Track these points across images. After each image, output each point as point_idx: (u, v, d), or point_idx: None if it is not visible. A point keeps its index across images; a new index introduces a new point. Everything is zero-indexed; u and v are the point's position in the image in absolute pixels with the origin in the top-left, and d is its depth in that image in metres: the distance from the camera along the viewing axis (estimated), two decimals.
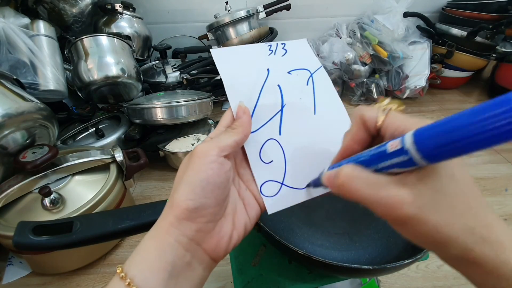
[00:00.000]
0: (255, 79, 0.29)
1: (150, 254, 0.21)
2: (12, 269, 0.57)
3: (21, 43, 0.69)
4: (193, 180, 0.22)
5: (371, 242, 0.36)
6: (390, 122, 0.19)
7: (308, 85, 0.31)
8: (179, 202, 0.21)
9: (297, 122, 0.29)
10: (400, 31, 1.03)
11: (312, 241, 0.36)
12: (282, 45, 0.32)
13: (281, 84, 0.30)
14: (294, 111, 0.29)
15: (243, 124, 0.26)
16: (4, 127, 0.52)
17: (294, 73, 0.31)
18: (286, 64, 0.31)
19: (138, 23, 1.02)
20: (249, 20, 1.05)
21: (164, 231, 0.21)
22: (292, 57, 0.32)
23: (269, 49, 0.32)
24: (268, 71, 0.30)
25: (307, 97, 0.30)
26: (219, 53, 0.30)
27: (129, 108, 0.79)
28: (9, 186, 0.51)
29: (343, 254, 0.35)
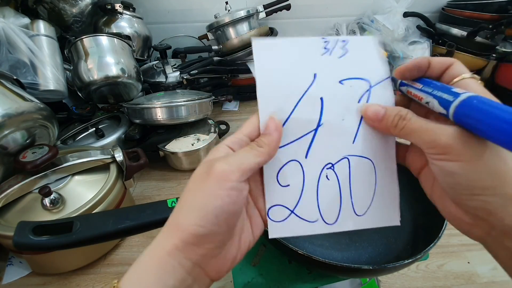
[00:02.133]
0: (296, 85, 0.24)
1: (150, 276, 0.19)
2: (12, 269, 0.57)
3: (21, 43, 0.69)
4: (206, 206, 0.19)
5: (371, 242, 0.36)
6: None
7: (360, 103, 0.24)
8: (187, 226, 0.20)
9: (330, 148, 0.24)
10: (400, 31, 1.03)
11: (312, 241, 0.36)
12: (343, 42, 0.26)
13: (325, 96, 0.24)
14: (330, 134, 0.24)
15: (272, 143, 0.22)
16: (4, 127, 0.52)
17: (347, 84, 0.24)
18: (340, 70, 0.25)
19: (138, 23, 1.02)
20: (249, 20, 1.05)
21: (167, 253, 0.20)
22: (352, 61, 0.25)
23: (325, 47, 0.25)
24: (314, 76, 0.24)
25: (353, 118, 0.24)
26: (261, 46, 0.25)
27: (129, 108, 0.79)
28: (9, 186, 0.51)
29: (343, 254, 0.35)
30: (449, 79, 0.21)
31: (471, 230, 0.21)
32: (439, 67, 0.22)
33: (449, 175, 0.19)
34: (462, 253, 0.59)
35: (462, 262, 0.58)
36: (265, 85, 0.24)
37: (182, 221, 0.20)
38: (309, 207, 0.24)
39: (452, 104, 0.18)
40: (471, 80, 0.20)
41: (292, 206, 0.24)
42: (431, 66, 0.22)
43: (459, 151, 0.18)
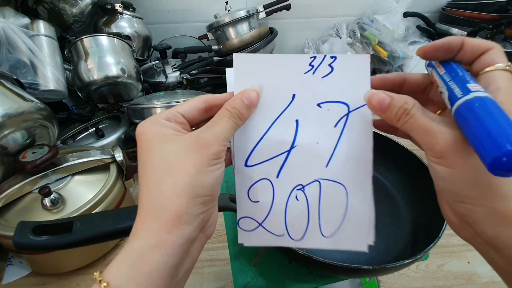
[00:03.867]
0: (273, 105, 0.24)
1: (154, 266, 0.18)
2: (12, 269, 0.57)
3: (21, 43, 0.69)
4: (195, 185, 0.19)
5: None
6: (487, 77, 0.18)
7: (336, 127, 0.24)
8: (178, 212, 0.19)
9: (302, 170, 0.24)
10: (400, 31, 1.03)
11: None
12: (331, 59, 0.23)
13: (301, 119, 0.24)
14: (303, 156, 0.24)
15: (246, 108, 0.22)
16: (4, 127, 0.52)
17: (325, 107, 0.23)
18: (320, 91, 0.23)
19: (138, 23, 1.02)
20: (249, 20, 1.05)
21: (165, 232, 0.19)
22: (335, 81, 0.23)
23: (310, 64, 0.23)
24: (293, 97, 0.24)
25: (328, 142, 0.24)
26: (242, 60, 0.25)
27: (129, 108, 0.79)
28: (9, 186, 0.51)
29: (343, 254, 0.35)
30: (480, 67, 0.19)
31: (459, 231, 0.22)
32: (472, 52, 0.19)
33: (441, 179, 0.19)
34: (462, 253, 0.59)
35: (462, 262, 0.58)
36: None
37: (173, 206, 0.19)
38: (277, 223, 0.25)
39: (456, 102, 0.17)
40: (502, 73, 0.18)
41: (261, 219, 0.25)
42: (464, 49, 0.20)
43: (452, 158, 0.18)
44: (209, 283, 0.55)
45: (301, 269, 0.35)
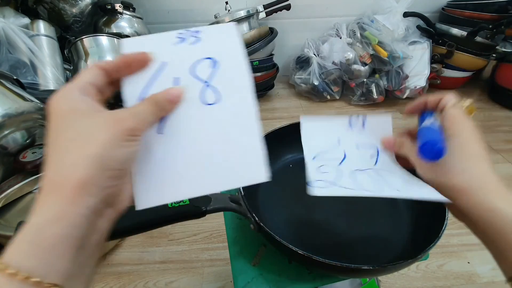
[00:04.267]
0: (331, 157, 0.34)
1: (57, 239, 0.17)
2: None
3: (21, 43, 0.69)
4: (106, 156, 0.19)
5: (371, 242, 0.36)
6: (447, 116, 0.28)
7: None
8: (84, 183, 0.18)
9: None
10: (400, 31, 1.03)
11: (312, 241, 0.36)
12: (362, 118, 0.35)
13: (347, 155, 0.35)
14: None
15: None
16: (4, 127, 0.52)
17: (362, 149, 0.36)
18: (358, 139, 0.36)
19: (138, 23, 1.02)
20: (249, 20, 1.05)
21: (68, 203, 0.18)
22: (368, 134, 0.36)
23: (349, 122, 0.36)
24: (344, 154, 0.35)
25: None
26: (309, 125, 0.33)
27: None
28: (9, 186, 0.51)
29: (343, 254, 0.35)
30: (440, 109, 0.29)
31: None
32: (433, 102, 0.30)
33: (425, 179, 0.28)
34: (462, 253, 0.59)
35: (462, 262, 0.58)
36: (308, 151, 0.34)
37: (77, 175, 0.18)
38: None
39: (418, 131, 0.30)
40: (452, 110, 0.28)
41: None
42: (428, 103, 0.30)
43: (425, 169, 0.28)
44: (209, 283, 0.55)
45: (301, 269, 0.35)
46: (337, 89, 1.13)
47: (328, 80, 1.11)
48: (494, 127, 0.98)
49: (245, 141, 0.25)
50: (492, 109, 1.09)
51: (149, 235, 0.64)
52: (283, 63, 1.30)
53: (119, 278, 0.56)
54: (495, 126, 0.99)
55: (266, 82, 1.14)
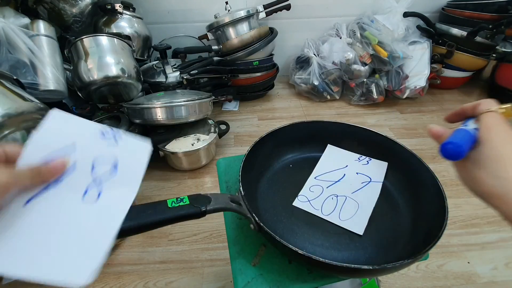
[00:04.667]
0: None
1: None
2: None
3: (21, 43, 0.69)
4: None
5: (371, 242, 0.36)
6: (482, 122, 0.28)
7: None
8: None
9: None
10: (400, 31, 1.03)
11: (312, 241, 0.36)
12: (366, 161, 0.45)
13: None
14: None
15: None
16: (4, 127, 0.52)
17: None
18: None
19: (138, 23, 1.02)
20: (249, 20, 1.05)
21: None
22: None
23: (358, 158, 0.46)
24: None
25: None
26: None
27: (129, 108, 0.79)
28: None
29: (343, 254, 0.35)
30: (477, 115, 0.29)
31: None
32: (471, 108, 0.30)
33: (467, 188, 0.27)
34: (462, 253, 0.59)
35: (462, 262, 0.58)
36: None
37: None
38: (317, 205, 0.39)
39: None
40: (486, 115, 0.28)
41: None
42: (466, 109, 0.30)
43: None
44: (209, 283, 0.55)
45: (301, 269, 0.35)
46: (337, 89, 1.13)
47: (328, 80, 1.11)
48: None
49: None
50: None
51: (149, 235, 0.64)
52: (283, 63, 1.30)
53: (119, 278, 0.56)
54: None
55: (266, 82, 1.14)
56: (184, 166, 0.80)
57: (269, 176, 0.45)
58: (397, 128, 0.99)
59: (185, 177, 0.80)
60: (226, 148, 0.91)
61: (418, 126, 1.00)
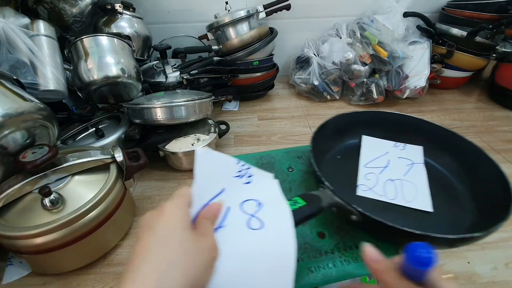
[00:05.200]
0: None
1: None
2: (12, 269, 0.57)
3: (21, 43, 0.69)
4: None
5: (441, 219, 0.39)
6: None
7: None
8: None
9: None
10: (400, 31, 1.03)
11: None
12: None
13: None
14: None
15: None
16: (4, 127, 0.52)
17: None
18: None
19: (138, 23, 1.02)
20: (249, 20, 1.05)
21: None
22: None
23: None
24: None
25: None
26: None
27: (129, 108, 0.79)
28: (9, 186, 0.51)
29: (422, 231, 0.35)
30: None
31: None
32: None
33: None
34: (462, 253, 0.59)
35: (462, 262, 0.58)
36: None
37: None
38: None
39: None
40: None
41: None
42: None
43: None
44: None
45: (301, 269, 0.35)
46: (337, 89, 1.13)
47: (328, 80, 1.11)
48: (494, 127, 0.98)
49: (279, 266, 0.28)
50: (492, 109, 1.09)
51: None
52: (283, 63, 1.30)
53: (119, 278, 0.56)
54: (495, 126, 0.99)
55: (266, 82, 1.14)
56: (184, 166, 0.80)
57: (326, 170, 0.47)
58: None
59: (185, 177, 0.80)
60: (226, 148, 0.91)
61: None
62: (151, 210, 0.25)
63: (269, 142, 0.93)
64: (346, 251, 0.38)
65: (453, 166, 0.49)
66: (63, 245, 0.51)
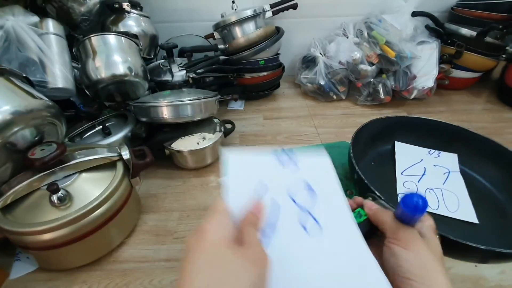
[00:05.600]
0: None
1: None
2: (19, 265, 0.58)
3: (30, 41, 0.70)
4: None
5: (486, 229, 0.37)
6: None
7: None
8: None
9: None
10: (408, 31, 1.02)
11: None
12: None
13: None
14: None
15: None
16: (13, 124, 0.53)
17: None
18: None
19: (145, 22, 1.02)
20: (255, 19, 1.05)
21: None
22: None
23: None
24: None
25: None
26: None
27: (135, 106, 0.80)
28: (18, 182, 0.52)
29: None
30: None
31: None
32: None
33: (393, 256, 0.26)
34: None
35: (469, 265, 0.57)
36: None
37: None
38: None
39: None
40: None
41: None
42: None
43: (399, 235, 0.27)
44: None
45: None
46: (343, 89, 1.12)
47: (334, 80, 1.10)
48: (503, 129, 0.97)
49: (359, 272, 0.25)
50: (501, 110, 1.08)
51: (154, 234, 0.64)
52: (289, 63, 1.30)
53: (124, 275, 0.56)
54: (504, 128, 0.97)
55: (272, 81, 1.14)
56: (190, 165, 0.81)
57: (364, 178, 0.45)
58: None
59: (190, 176, 0.80)
60: (231, 147, 0.91)
61: None
62: (192, 232, 0.24)
63: (275, 142, 0.93)
64: None
65: (492, 175, 0.47)
66: (70, 241, 0.51)
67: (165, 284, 0.55)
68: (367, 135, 0.51)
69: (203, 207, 0.71)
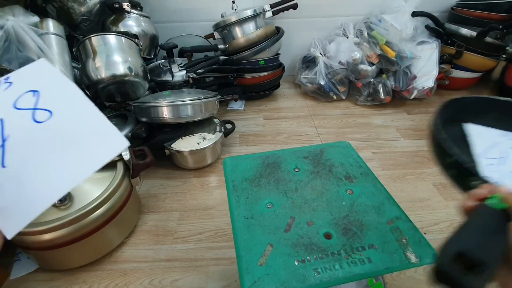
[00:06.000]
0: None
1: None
2: (20, 265, 0.58)
3: (30, 41, 0.70)
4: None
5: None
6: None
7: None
8: None
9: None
10: (408, 31, 1.02)
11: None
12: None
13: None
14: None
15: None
16: None
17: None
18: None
19: (145, 22, 1.02)
20: (255, 19, 1.05)
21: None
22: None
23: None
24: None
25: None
26: None
27: (135, 106, 0.80)
28: None
29: None
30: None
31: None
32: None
33: None
34: None
35: None
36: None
37: None
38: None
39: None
40: None
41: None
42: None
43: None
44: (214, 282, 0.55)
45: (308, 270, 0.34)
46: (344, 89, 1.12)
47: (334, 80, 1.11)
48: None
49: (93, 129, 0.29)
50: None
51: (154, 234, 0.64)
52: (289, 63, 1.30)
53: (124, 275, 0.56)
54: None
55: (272, 81, 1.14)
56: (190, 165, 0.80)
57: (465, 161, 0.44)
58: (404, 129, 0.98)
59: (191, 176, 0.80)
60: (232, 148, 0.91)
61: (425, 127, 0.99)
62: None
63: (275, 142, 0.93)
64: (353, 253, 0.37)
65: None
66: (70, 241, 0.51)
67: (165, 284, 0.55)
68: (444, 118, 0.48)
69: (203, 207, 0.71)
